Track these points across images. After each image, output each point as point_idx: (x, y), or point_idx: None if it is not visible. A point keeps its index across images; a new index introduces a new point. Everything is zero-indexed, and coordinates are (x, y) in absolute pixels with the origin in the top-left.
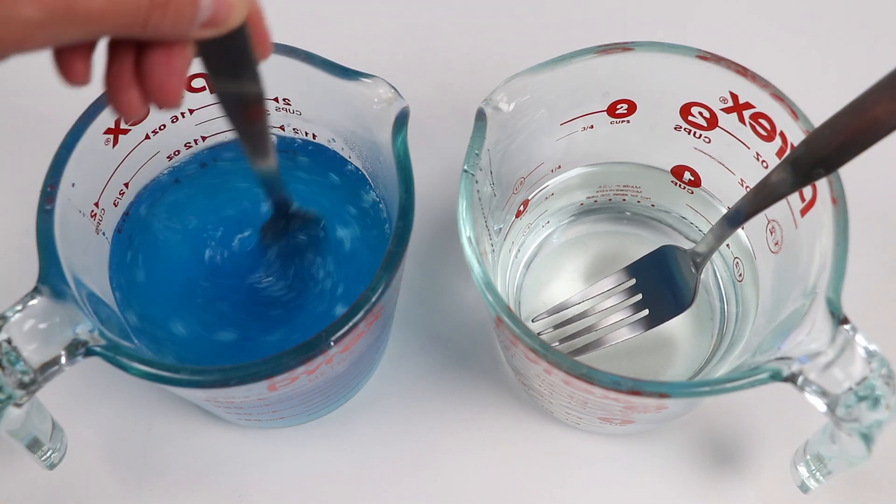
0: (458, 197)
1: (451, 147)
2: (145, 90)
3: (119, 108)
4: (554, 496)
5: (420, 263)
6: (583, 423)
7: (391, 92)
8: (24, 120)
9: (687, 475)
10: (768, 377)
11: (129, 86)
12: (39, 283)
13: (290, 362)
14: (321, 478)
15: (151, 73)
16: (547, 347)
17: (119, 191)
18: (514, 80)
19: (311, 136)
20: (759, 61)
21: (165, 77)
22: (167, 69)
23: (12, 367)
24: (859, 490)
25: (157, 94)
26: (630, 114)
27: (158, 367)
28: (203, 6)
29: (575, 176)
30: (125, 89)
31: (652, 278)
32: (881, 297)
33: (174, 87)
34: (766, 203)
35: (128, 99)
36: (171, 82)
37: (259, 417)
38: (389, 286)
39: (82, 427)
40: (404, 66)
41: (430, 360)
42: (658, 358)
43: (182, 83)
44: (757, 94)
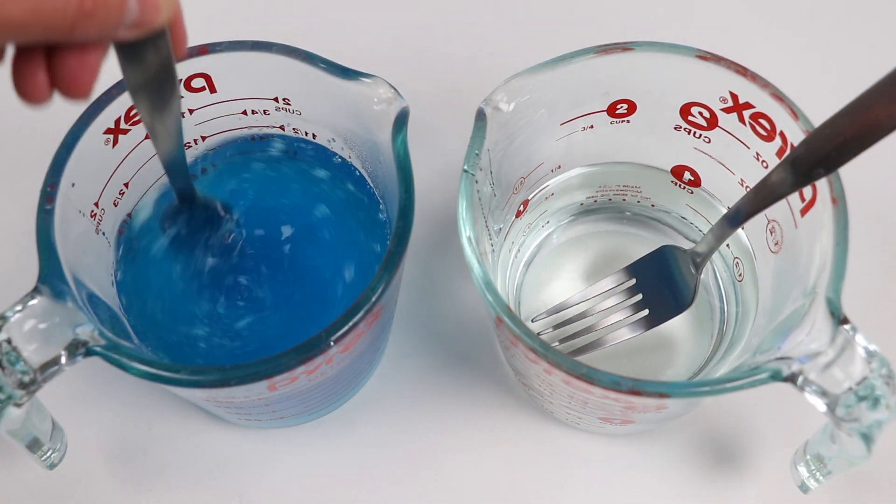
0: (458, 197)
1: (451, 147)
2: (54, 78)
3: (24, 93)
4: (554, 496)
5: (420, 263)
6: (583, 423)
7: (391, 92)
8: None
9: (687, 475)
10: (768, 377)
11: (36, 69)
12: (39, 283)
13: (290, 362)
14: (321, 478)
15: (63, 65)
16: (547, 347)
17: (119, 191)
18: (514, 80)
19: (311, 135)
20: (759, 61)
21: (79, 69)
22: (82, 62)
23: (12, 367)
24: (859, 490)
25: (68, 86)
26: (630, 114)
27: (158, 367)
28: (129, 9)
29: (575, 176)
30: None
31: (652, 278)
32: (881, 297)
33: (85, 80)
34: (766, 203)
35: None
36: (82, 75)
37: (259, 417)
38: (389, 286)
39: (82, 427)
40: (404, 66)
41: (430, 360)
42: (658, 358)
43: (94, 76)
44: (757, 94)
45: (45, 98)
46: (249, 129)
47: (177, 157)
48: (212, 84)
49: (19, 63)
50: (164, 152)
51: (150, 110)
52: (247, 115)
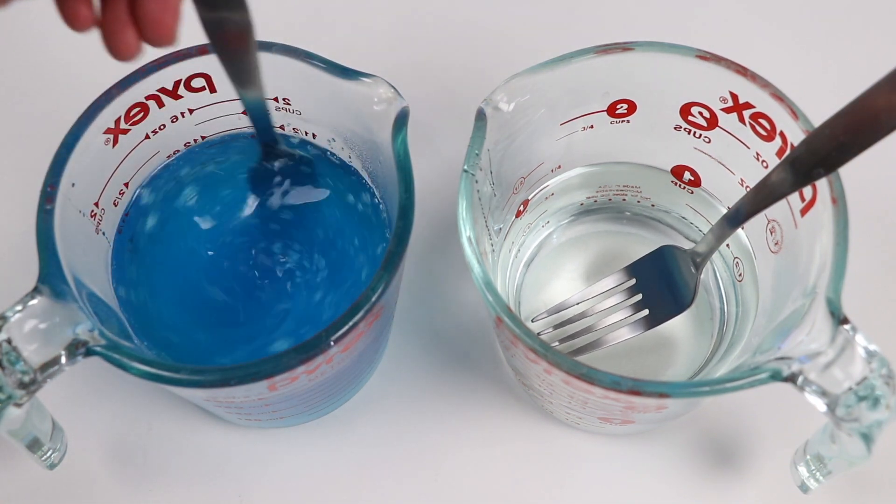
0: (458, 197)
1: (451, 147)
2: (140, 29)
3: (115, 49)
4: (554, 496)
5: (420, 263)
6: (583, 423)
7: (391, 92)
8: (24, 120)
9: (687, 475)
10: (768, 377)
11: (124, 26)
12: (39, 283)
13: (290, 362)
14: (321, 478)
15: (146, 11)
16: (547, 347)
17: (119, 191)
18: (514, 80)
19: (311, 135)
20: (759, 61)
21: (160, 13)
22: (162, 4)
23: (12, 367)
24: (859, 490)
25: (154, 31)
26: (630, 114)
27: (158, 367)
28: None
29: (575, 176)
30: (121, 30)
31: (652, 278)
32: (881, 297)
33: (169, 23)
34: (766, 203)
35: (124, 39)
36: (166, 18)
37: (259, 417)
38: (389, 286)
39: (82, 427)
40: (404, 66)
41: (430, 360)
42: (658, 358)
43: (177, 18)
44: (757, 94)
45: (136, 52)
46: (249, 128)
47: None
48: (212, 84)
49: (107, 21)
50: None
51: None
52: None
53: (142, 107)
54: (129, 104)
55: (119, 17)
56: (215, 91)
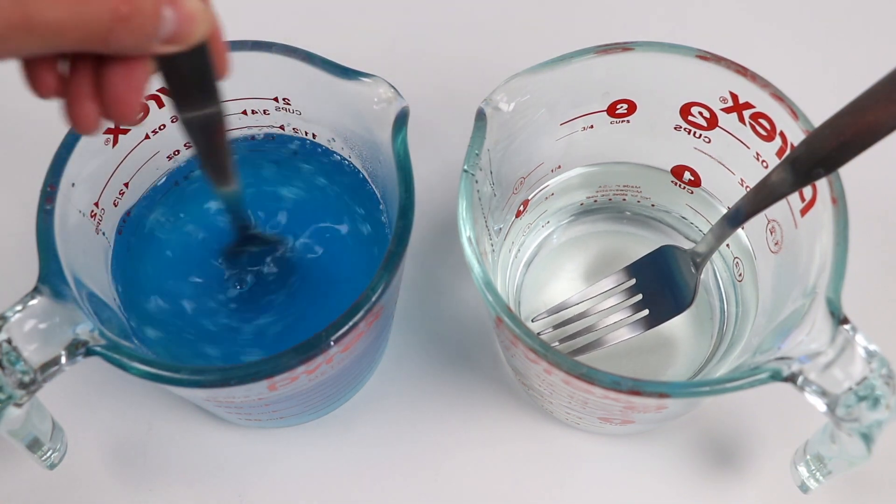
0: (458, 197)
1: (451, 147)
2: (103, 104)
3: (75, 121)
4: (554, 496)
5: (420, 263)
6: (583, 423)
7: (391, 92)
8: (24, 120)
9: (687, 475)
10: (768, 377)
11: (86, 98)
12: (39, 283)
13: (291, 362)
14: (321, 478)
15: (110, 88)
16: (547, 347)
17: (119, 191)
18: (514, 80)
19: (311, 135)
20: (759, 61)
21: (124, 92)
22: (126, 84)
23: (12, 367)
24: (859, 490)
25: (115, 109)
26: (630, 114)
27: (158, 367)
28: (165, 21)
29: (575, 176)
30: (82, 102)
31: (652, 278)
32: (881, 297)
33: (133, 102)
34: (766, 203)
35: (84, 112)
36: (130, 97)
37: (259, 417)
38: (389, 286)
39: (82, 427)
40: (404, 66)
41: (430, 360)
42: (658, 358)
43: (140, 98)
44: (757, 94)
45: (96, 126)
46: (249, 129)
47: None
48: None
49: (70, 94)
50: (221, 187)
51: (203, 143)
52: (247, 115)
53: (142, 107)
54: None
55: (83, 89)
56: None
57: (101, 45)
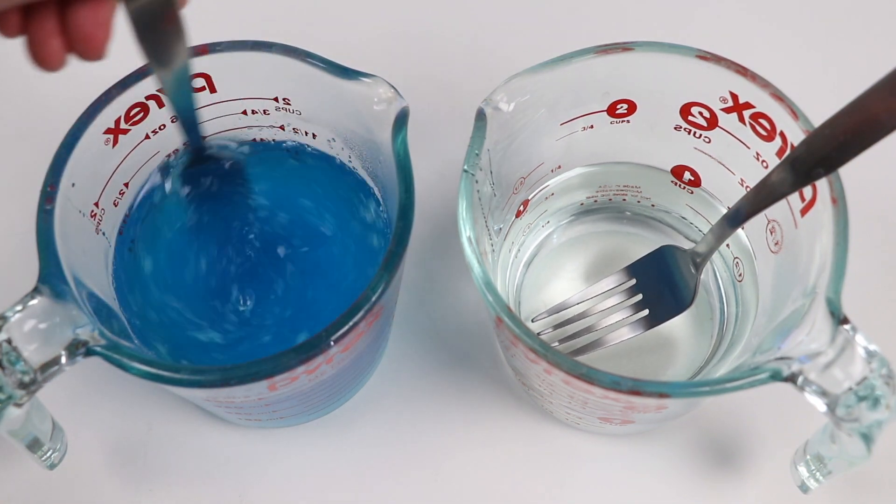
0: (458, 197)
1: (451, 147)
2: (70, 41)
3: (40, 59)
4: (554, 496)
5: (420, 263)
6: (583, 423)
7: (391, 92)
8: (24, 120)
9: (687, 475)
10: (768, 377)
11: (51, 35)
12: (39, 283)
13: (290, 362)
14: (321, 478)
15: (79, 24)
16: (547, 347)
17: (119, 191)
18: (514, 80)
19: (311, 135)
20: (759, 61)
21: (94, 28)
22: (95, 20)
23: (12, 367)
24: (859, 490)
25: (84, 45)
26: (630, 114)
27: (158, 367)
28: None
29: (575, 176)
30: (48, 39)
31: (652, 278)
32: (881, 297)
33: (102, 37)
34: (766, 203)
35: (50, 49)
36: (99, 33)
37: (259, 417)
38: (389, 286)
39: (82, 427)
40: (404, 66)
41: (430, 360)
42: (658, 358)
43: (108, 34)
44: (757, 94)
45: (60, 63)
46: (249, 129)
47: (187, 110)
48: (212, 84)
49: (34, 29)
50: (174, 104)
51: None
52: (247, 115)
53: (142, 107)
54: (129, 104)
55: (47, 26)
56: (215, 91)
57: None
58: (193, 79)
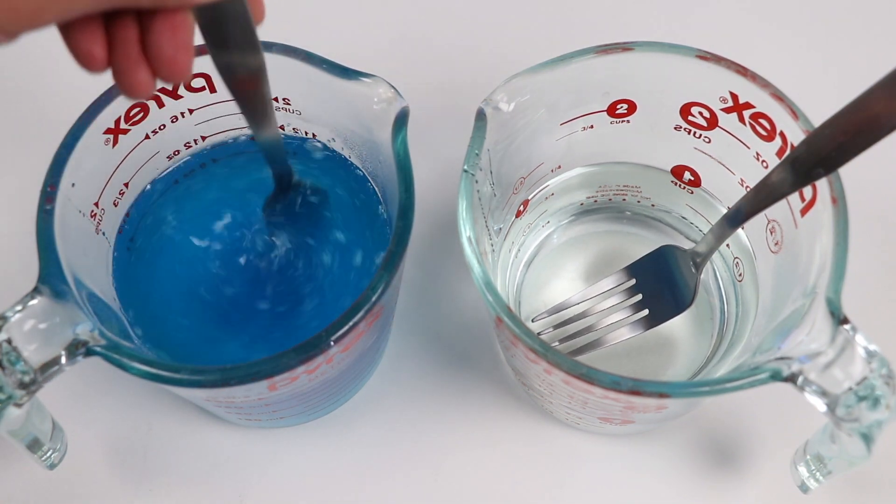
0: (458, 197)
1: (451, 147)
2: (153, 67)
3: (131, 88)
4: (554, 496)
5: (420, 263)
6: (583, 423)
7: (391, 92)
8: (24, 120)
9: (687, 475)
10: (768, 377)
11: (137, 65)
12: (39, 283)
13: (291, 362)
14: (321, 478)
15: (160, 48)
16: (547, 347)
17: (119, 191)
18: (514, 80)
19: (311, 135)
20: (759, 61)
21: (174, 51)
22: (174, 42)
23: (12, 367)
24: (859, 490)
25: (168, 69)
26: (630, 114)
27: (158, 367)
28: None
29: (575, 176)
30: (134, 68)
31: (652, 278)
32: (881, 297)
33: (184, 60)
34: (766, 203)
35: (138, 79)
36: (180, 55)
37: (259, 417)
38: (389, 286)
39: (82, 427)
40: (404, 66)
41: (430, 360)
42: (658, 358)
43: (191, 55)
44: (757, 94)
45: (151, 89)
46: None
47: (273, 139)
48: (212, 84)
49: (118, 60)
50: (261, 135)
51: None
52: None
53: (142, 107)
54: (129, 104)
55: (131, 55)
56: (215, 91)
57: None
58: (194, 78)
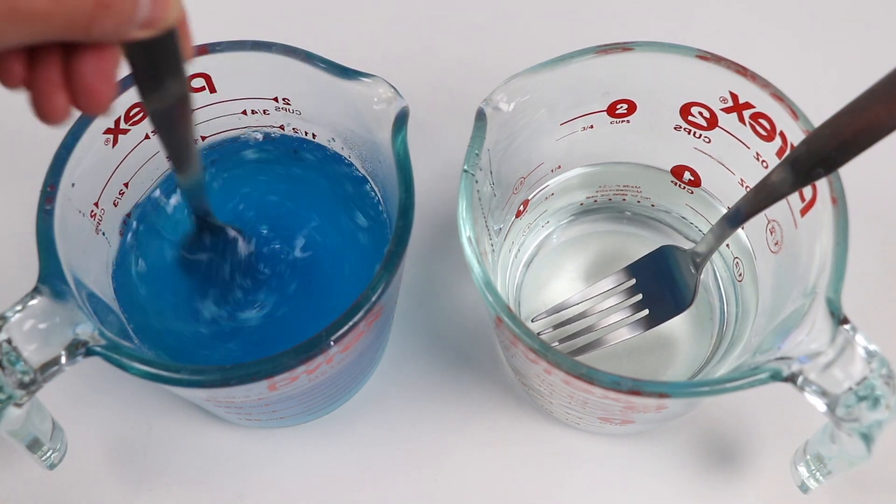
0: (458, 197)
1: (451, 147)
2: (73, 95)
3: (43, 112)
4: (554, 496)
5: (420, 263)
6: (583, 423)
7: (391, 91)
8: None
9: (687, 475)
10: (768, 377)
11: (55, 88)
12: (39, 283)
13: (291, 362)
14: (321, 478)
15: (82, 78)
16: (547, 347)
17: (119, 191)
18: (514, 80)
19: (311, 135)
20: (759, 61)
21: (98, 82)
22: (98, 73)
23: (12, 367)
24: (859, 490)
25: (89, 100)
26: (630, 114)
27: (158, 367)
28: (142, 6)
29: (575, 176)
30: (52, 92)
31: (652, 278)
32: (881, 297)
33: (105, 91)
34: (766, 203)
35: (54, 104)
36: (103, 87)
37: (259, 417)
38: (389, 286)
39: (82, 427)
40: (404, 66)
41: (430, 360)
42: (658, 358)
43: (112, 87)
44: (757, 94)
45: (65, 117)
46: (249, 128)
47: (196, 179)
48: (212, 84)
49: (37, 80)
50: (184, 174)
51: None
52: (247, 115)
53: (142, 107)
54: (129, 104)
55: (51, 78)
56: (215, 91)
57: (83, 32)
58: (193, 78)
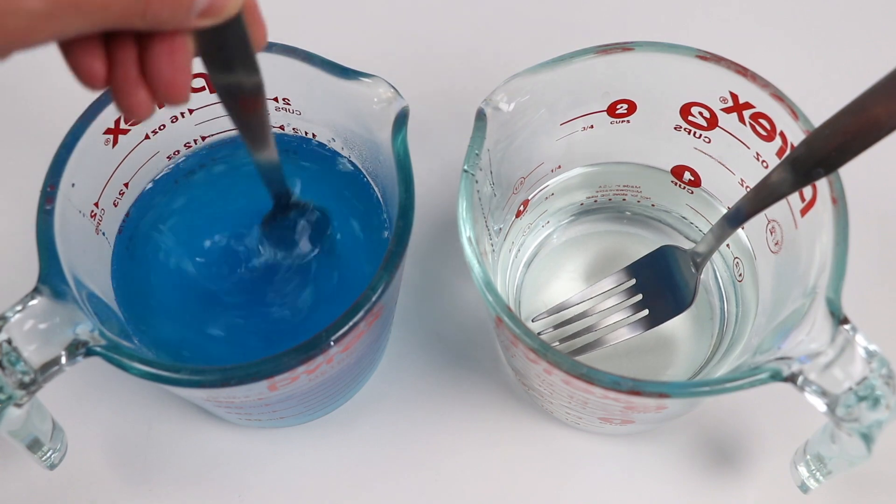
0: (458, 197)
1: (451, 147)
2: (152, 89)
3: (129, 110)
4: (554, 496)
5: (420, 263)
6: (583, 423)
7: (391, 91)
8: (24, 120)
9: (687, 475)
10: (768, 377)
11: (136, 86)
12: (39, 283)
13: (291, 362)
14: (321, 478)
15: (159, 71)
16: (547, 347)
17: (119, 191)
18: (514, 80)
19: (311, 135)
20: (759, 61)
21: (173, 73)
22: (173, 65)
23: (12, 367)
24: (859, 490)
25: (166, 91)
26: (630, 114)
27: (158, 367)
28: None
29: (575, 176)
30: (132, 90)
31: (652, 278)
32: (881, 297)
33: (182, 83)
34: (766, 203)
35: (137, 100)
36: (178, 78)
37: (259, 417)
38: (389, 286)
39: (82, 427)
40: (404, 66)
41: (430, 360)
42: (658, 358)
43: (189, 78)
44: (757, 94)
45: (149, 112)
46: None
47: (270, 160)
48: (211, 84)
49: (117, 79)
50: (259, 156)
51: (238, 111)
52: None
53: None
54: None
55: (130, 75)
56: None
57: (139, 20)
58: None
